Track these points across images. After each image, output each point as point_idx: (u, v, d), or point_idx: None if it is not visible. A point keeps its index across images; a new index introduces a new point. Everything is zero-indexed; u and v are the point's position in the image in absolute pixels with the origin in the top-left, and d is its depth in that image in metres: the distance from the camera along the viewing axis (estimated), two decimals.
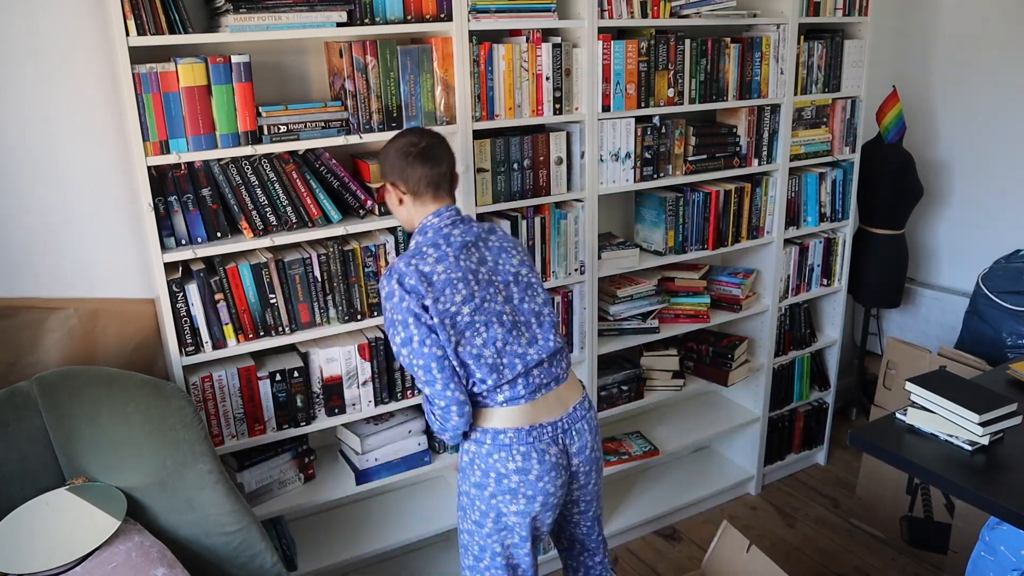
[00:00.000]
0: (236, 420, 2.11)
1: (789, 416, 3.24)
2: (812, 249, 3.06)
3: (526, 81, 2.27)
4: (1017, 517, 1.59)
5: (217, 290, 2.00)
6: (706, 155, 2.65)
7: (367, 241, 2.19)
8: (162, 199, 1.92)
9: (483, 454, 1.81)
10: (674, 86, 2.51)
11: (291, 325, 2.12)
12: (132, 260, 2.14)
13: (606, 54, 2.35)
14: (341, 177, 2.12)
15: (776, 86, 2.73)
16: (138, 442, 1.73)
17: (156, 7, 1.80)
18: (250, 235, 2.01)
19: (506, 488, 1.80)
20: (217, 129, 1.93)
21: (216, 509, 1.77)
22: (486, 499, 1.83)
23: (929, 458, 1.78)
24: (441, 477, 2.74)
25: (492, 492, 1.81)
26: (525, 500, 1.80)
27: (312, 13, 1.95)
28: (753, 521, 3.05)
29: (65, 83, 1.97)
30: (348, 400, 2.24)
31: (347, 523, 2.52)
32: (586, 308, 2.54)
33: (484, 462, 1.81)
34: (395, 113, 2.11)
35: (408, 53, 2.08)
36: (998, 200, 3.33)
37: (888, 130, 3.22)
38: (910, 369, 2.78)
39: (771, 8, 2.72)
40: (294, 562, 2.32)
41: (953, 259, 3.53)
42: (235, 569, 1.81)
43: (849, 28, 2.94)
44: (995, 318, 2.80)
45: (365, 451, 2.30)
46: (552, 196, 2.40)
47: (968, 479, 1.70)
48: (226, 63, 1.90)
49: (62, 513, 1.66)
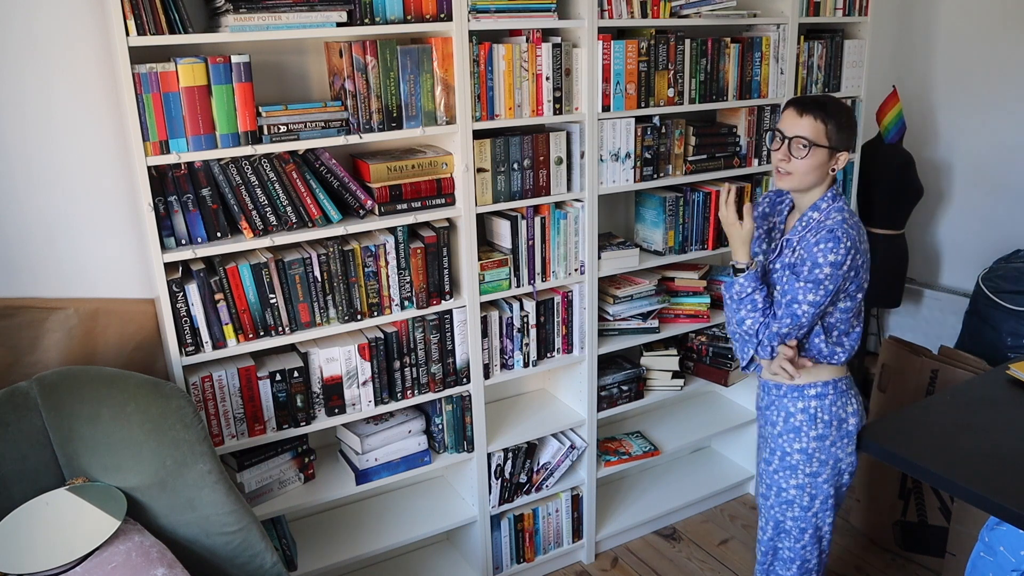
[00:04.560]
0: (236, 420, 2.11)
1: None
2: None
3: (526, 81, 2.27)
4: (1017, 517, 1.59)
5: (217, 290, 2.00)
6: (706, 155, 2.65)
7: (367, 241, 2.19)
8: (162, 199, 1.92)
9: (826, 405, 1.98)
10: (674, 86, 2.51)
11: (291, 325, 2.12)
12: (132, 260, 2.14)
13: (606, 54, 2.35)
14: (341, 177, 2.12)
15: (776, 86, 2.73)
16: (138, 442, 1.73)
17: (156, 7, 1.80)
18: (250, 235, 2.01)
19: (844, 433, 1.99)
20: (217, 129, 1.93)
21: (216, 509, 1.77)
22: (826, 448, 1.99)
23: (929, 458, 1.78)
24: (441, 477, 2.75)
25: (832, 440, 1.99)
26: (853, 443, 2.02)
27: (312, 13, 1.95)
28: (753, 521, 3.05)
29: (65, 83, 1.97)
30: (348, 400, 2.24)
31: (347, 523, 2.52)
32: (586, 308, 2.54)
33: (828, 412, 1.97)
34: (395, 113, 2.11)
35: (408, 53, 2.08)
36: (998, 200, 3.33)
37: (888, 130, 3.22)
38: (903, 373, 2.77)
39: (771, 8, 2.72)
40: (294, 562, 2.32)
41: (953, 259, 3.53)
42: (235, 569, 1.81)
43: (849, 28, 2.94)
44: (995, 318, 2.80)
45: (365, 451, 2.31)
46: (552, 196, 2.40)
47: (968, 479, 1.70)
48: (226, 63, 1.90)
49: (62, 513, 1.66)
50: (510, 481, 2.57)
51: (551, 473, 2.64)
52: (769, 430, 2.09)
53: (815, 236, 1.87)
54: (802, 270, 1.87)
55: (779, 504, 2.09)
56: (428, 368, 2.33)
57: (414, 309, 2.26)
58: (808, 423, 1.99)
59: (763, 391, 2.11)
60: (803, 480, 2.03)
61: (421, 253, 2.24)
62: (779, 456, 2.05)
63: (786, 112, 1.91)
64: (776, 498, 2.09)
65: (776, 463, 2.06)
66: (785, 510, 2.09)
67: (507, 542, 2.65)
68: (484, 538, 2.58)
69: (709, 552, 2.88)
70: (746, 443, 3.17)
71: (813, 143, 1.85)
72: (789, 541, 2.12)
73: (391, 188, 2.17)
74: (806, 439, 2.00)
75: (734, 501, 3.17)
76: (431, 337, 2.31)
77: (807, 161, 1.86)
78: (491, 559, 2.62)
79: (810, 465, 2.01)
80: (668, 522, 3.01)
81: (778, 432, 2.04)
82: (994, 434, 1.87)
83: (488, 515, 2.56)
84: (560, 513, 2.73)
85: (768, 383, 2.07)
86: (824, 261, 1.83)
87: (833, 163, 1.89)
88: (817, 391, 1.97)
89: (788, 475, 2.05)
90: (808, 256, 1.86)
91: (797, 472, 2.03)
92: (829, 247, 1.83)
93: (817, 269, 1.84)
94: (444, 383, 2.37)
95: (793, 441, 2.01)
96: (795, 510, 2.07)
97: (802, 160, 1.87)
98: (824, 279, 1.83)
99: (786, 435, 2.02)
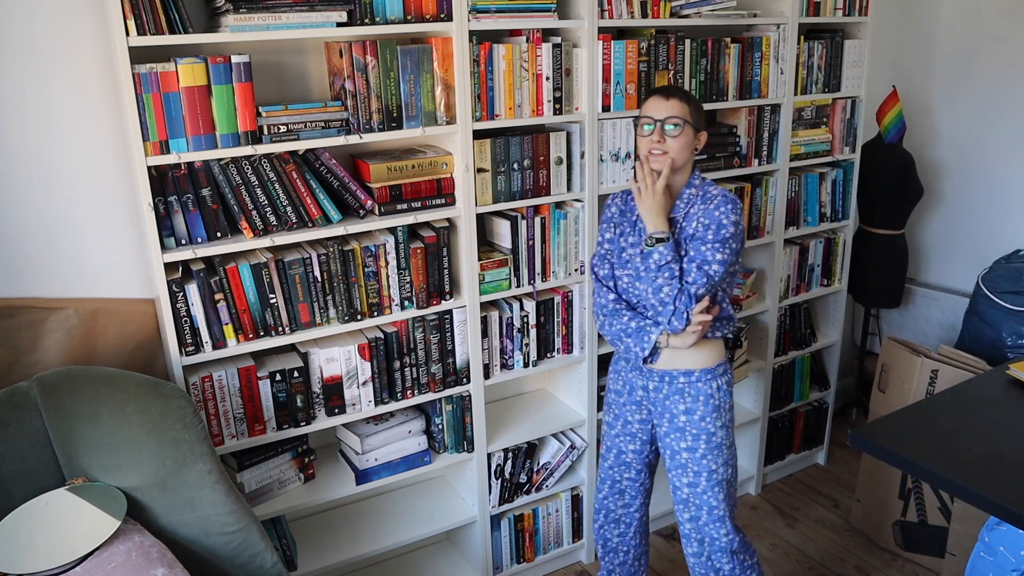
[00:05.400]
0: (236, 420, 2.11)
1: (789, 416, 3.24)
2: (812, 249, 3.06)
3: (526, 81, 2.27)
4: (1017, 517, 1.58)
5: (217, 290, 2.00)
6: (706, 155, 2.65)
7: (367, 241, 2.19)
8: (162, 199, 1.92)
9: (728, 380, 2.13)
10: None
11: (291, 325, 2.12)
12: (132, 260, 2.14)
13: (606, 54, 2.35)
14: (341, 177, 2.12)
15: (776, 86, 2.73)
16: (138, 442, 1.73)
17: (156, 7, 1.79)
18: (250, 235, 2.01)
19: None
20: (217, 129, 1.93)
21: (216, 509, 1.77)
22: (734, 418, 2.15)
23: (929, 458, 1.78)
24: (441, 477, 2.75)
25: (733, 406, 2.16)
26: None
27: (312, 13, 1.95)
28: (753, 521, 3.05)
29: (65, 83, 1.97)
30: (348, 400, 2.24)
31: (347, 523, 2.52)
32: (586, 308, 2.54)
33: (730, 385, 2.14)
34: (395, 113, 2.11)
35: (408, 53, 2.08)
36: (998, 200, 3.33)
37: (888, 130, 3.22)
38: (903, 373, 2.77)
39: (771, 8, 2.72)
40: (294, 562, 2.32)
41: (953, 259, 3.53)
42: (235, 569, 1.81)
43: (849, 28, 2.94)
44: (995, 318, 2.80)
45: (365, 451, 2.31)
46: (552, 196, 2.40)
47: (968, 479, 1.70)
48: (226, 63, 1.90)
49: (62, 513, 1.66)
50: (510, 481, 2.57)
51: (551, 473, 2.64)
52: (682, 420, 2.09)
53: (708, 204, 2.01)
54: (706, 234, 1.98)
55: (711, 487, 2.10)
56: (428, 368, 2.33)
57: (414, 309, 2.27)
58: (724, 399, 2.10)
59: (660, 382, 2.10)
60: (727, 453, 2.11)
61: (421, 253, 2.24)
62: (704, 439, 2.07)
63: (650, 101, 2.02)
64: (708, 482, 2.09)
65: (703, 448, 2.08)
66: (718, 492, 2.10)
67: (507, 542, 2.65)
68: (484, 538, 2.58)
69: None
70: (746, 443, 3.17)
71: (686, 120, 1.99)
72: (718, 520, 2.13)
73: (391, 188, 2.17)
74: (726, 414, 2.10)
75: None
76: (431, 337, 2.31)
77: (681, 139, 1.99)
78: (491, 559, 2.62)
79: (729, 437, 2.12)
80: (668, 522, 3.01)
81: (700, 416, 2.07)
82: (994, 434, 1.87)
83: (488, 515, 2.56)
84: (560, 513, 2.73)
85: (670, 373, 2.08)
86: (728, 221, 1.98)
87: (696, 143, 2.04)
88: (723, 369, 2.11)
89: (716, 455, 2.09)
90: (711, 220, 1.98)
91: (723, 449, 2.10)
92: (729, 208, 1.99)
93: (723, 230, 1.97)
94: (444, 383, 2.37)
95: (716, 420, 2.08)
96: (725, 487, 2.11)
97: (676, 139, 1.98)
98: (729, 238, 1.97)
99: (709, 416, 2.07)
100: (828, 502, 3.15)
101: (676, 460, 2.12)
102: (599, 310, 2.15)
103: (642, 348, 2.05)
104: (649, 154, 2.01)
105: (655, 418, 2.15)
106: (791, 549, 2.89)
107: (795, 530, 2.99)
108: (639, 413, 2.18)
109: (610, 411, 2.25)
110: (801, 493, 3.22)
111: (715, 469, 2.09)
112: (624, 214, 2.15)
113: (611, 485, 2.28)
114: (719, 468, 2.10)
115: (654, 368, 2.09)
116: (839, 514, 3.07)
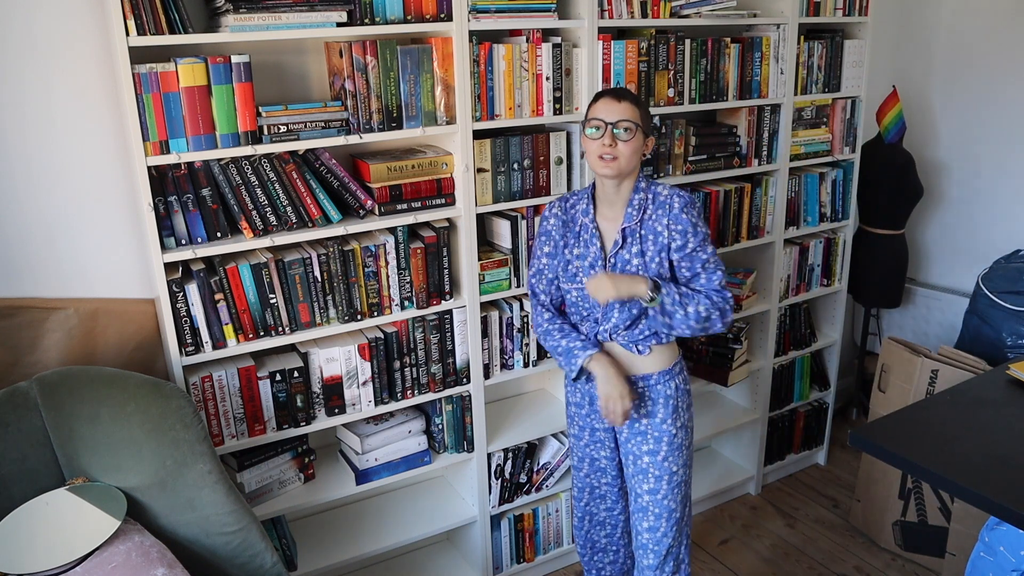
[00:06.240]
0: (236, 420, 2.11)
1: (789, 416, 3.24)
2: (812, 249, 3.06)
3: (526, 81, 2.27)
4: (1017, 517, 1.58)
5: (217, 290, 2.00)
6: (706, 155, 2.65)
7: (367, 241, 2.19)
8: (162, 199, 1.92)
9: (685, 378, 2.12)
10: (674, 86, 2.51)
11: (291, 325, 2.12)
12: (132, 260, 2.14)
13: (606, 54, 2.35)
14: (341, 177, 2.12)
15: (776, 86, 2.73)
16: (138, 442, 1.73)
17: (156, 7, 1.79)
18: (250, 235, 2.01)
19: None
20: (217, 129, 1.93)
21: (216, 509, 1.77)
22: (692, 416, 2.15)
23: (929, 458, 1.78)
24: (441, 477, 2.75)
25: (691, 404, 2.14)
26: None
27: (312, 13, 1.95)
28: (753, 521, 3.05)
29: (65, 83, 1.97)
30: (348, 400, 2.24)
31: (347, 523, 2.52)
32: None
33: (686, 383, 2.12)
34: (395, 113, 2.11)
35: (408, 53, 2.08)
36: (998, 200, 3.33)
37: (888, 130, 3.22)
38: (903, 373, 2.77)
39: (771, 8, 2.72)
40: (294, 562, 2.32)
41: (953, 259, 3.53)
42: (235, 569, 1.81)
43: (849, 28, 2.94)
44: (995, 318, 2.80)
45: (365, 451, 2.31)
46: (552, 196, 2.40)
47: (968, 479, 1.70)
48: (226, 63, 1.90)
49: (62, 513, 1.66)
50: (510, 481, 2.57)
51: (551, 473, 2.64)
52: (643, 423, 2.06)
53: (665, 208, 1.97)
54: (687, 239, 1.96)
55: (671, 491, 2.07)
56: (428, 368, 2.33)
57: (414, 309, 2.27)
58: (683, 399, 2.08)
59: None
60: (686, 454, 2.10)
61: (421, 253, 2.24)
62: (666, 442, 2.05)
63: (600, 102, 1.95)
64: (668, 484, 2.06)
65: (664, 450, 2.05)
66: (677, 494, 2.08)
67: (507, 542, 2.65)
68: (484, 538, 2.58)
69: (709, 552, 2.88)
70: (746, 443, 3.18)
71: (637, 124, 1.92)
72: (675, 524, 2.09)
73: (391, 188, 2.17)
74: (684, 414, 2.09)
75: (734, 501, 3.17)
76: (431, 337, 2.31)
77: (632, 143, 1.92)
78: (491, 559, 2.62)
79: (688, 437, 2.10)
80: None
81: (660, 419, 2.05)
82: (994, 434, 1.87)
83: (488, 515, 2.56)
84: (560, 513, 2.73)
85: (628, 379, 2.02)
86: (697, 218, 1.98)
87: (645, 148, 1.98)
88: (679, 367, 2.09)
89: (677, 456, 2.07)
90: (683, 225, 1.96)
91: (683, 449, 2.08)
92: (689, 206, 1.97)
93: (699, 226, 1.97)
94: (444, 383, 2.37)
95: (675, 421, 2.06)
96: (683, 489, 2.10)
97: (627, 143, 1.91)
98: (706, 233, 1.98)
99: (669, 419, 2.05)
100: (828, 502, 3.15)
101: (637, 465, 2.09)
102: (535, 328, 2.14)
103: (570, 370, 2.04)
104: (600, 158, 1.93)
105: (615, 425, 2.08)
106: (791, 549, 2.89)
107: (795, 530, 2.99)
108: (602, 421, 2.13)
109: (574, 423, 2.21)
110: (801, 493, 3.22)
111: (676, 471, 2.07)
112: (565, 224, 2.07)
113: (591, 491, 2.25)
114: (679, 469, 2.07)
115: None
116: (839, 514, 3.07)
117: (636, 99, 1.95)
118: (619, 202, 2.01)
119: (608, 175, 1.94)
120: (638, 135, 1.93)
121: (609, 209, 2.03)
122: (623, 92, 1.96)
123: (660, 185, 2.02)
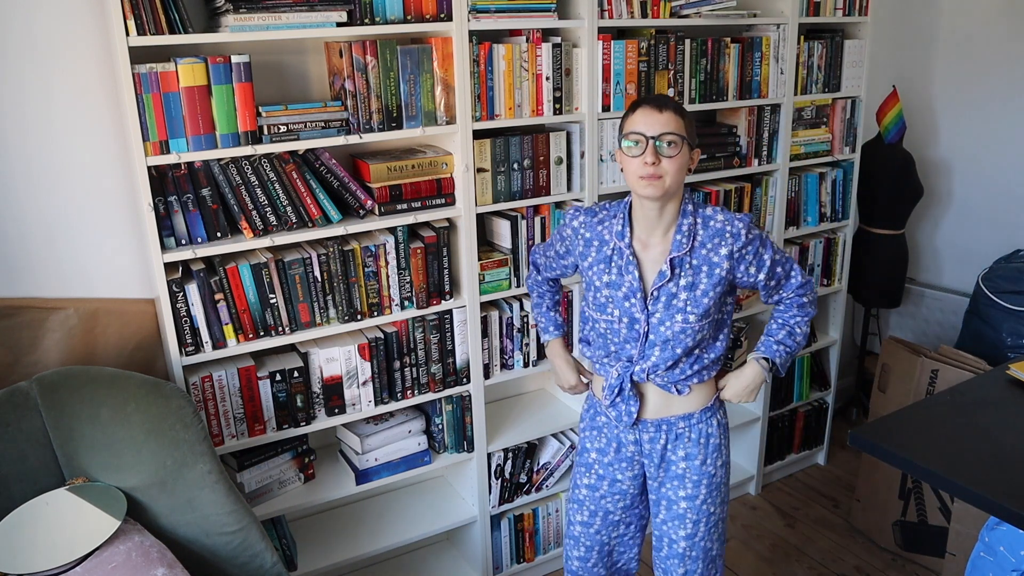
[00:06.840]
0: (236, 420, 2.11)
1: (789, 416, 3.24)
2: (812, 249, 3.06)
3: (526, 81, 2.27)
4: (1017, 517, 1.58)
5: (217, 290, 2.01)
6: (706, 155, 2.65)
7: (367, 241, 2.19)
8: (162, 199, 1.92)
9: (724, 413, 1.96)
10: (674, 86, 2.51)
11: (291, 325, 2.12)
12: (132, 260, 2.14)
13: (606, 54, 2.35)
14: (341, 177, 2.12)
15: (776, 86, 2.73)
16: (138, 442, 1.73)
17: (156, 7, 1.79)
18: (250, 235, 2.02)
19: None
20: (217, 129, 1.93)
21: (216, 509, 1.77)
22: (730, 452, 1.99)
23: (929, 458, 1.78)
24: (441, 477, 2.75)
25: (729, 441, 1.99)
26: None
27: (312, 13, 1.95)
28: (753, 521, 3.05)
29: (65, 83, 1.97)
30: (348, 400, 2.24)
31: (347, 523, 2.52)
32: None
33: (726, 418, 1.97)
34: (395, 113, 2.11)
35: (408, 53, 2.08)
36: (998, 200, 3.33)
37: (888, 130, 3.22)
38: (903, 373, 2.77)
39: (771, 8, 2.72)
40: (294, 562, 2.32)
41: (953, 259, 3.53)
42: (235, 569, 1.81)
43: (849, 28, 2.94)
44: (995, 318, 2.80)
45: (365, 451, 2.31)
46: (552, 196, 2.40)
47: (968, 479, 1.70)
48: (226, 63, 1.90)
49: (62, 513, 1.66)
50: (510, 481, 2.57)
51: (551, 473, 2.64)
52: (681, 467, 1.88)
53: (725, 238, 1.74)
54: (763, 259, 1.78)
55: (708, 532, 1.91)
56: (428, 368, 2.33)
57: (414, 309, 2.27)
58: (724, 435, 1.92)
59: (657, 432, 1.87)
60: (724, 491, 1.94)
61: (421, 253, 2.24)
62: (706, 484, 1.88)
63: (639, 113, 1.70)
64: (706, 526, 1.90)
65: (704, 493, 1.88)
66: (714, 533, 1.93)
67: (507, 542, 2.65)
68: (484, 538, 2.58)
69: None
70: (746, 443, 3.18)
71: (683, 137, 1.69)
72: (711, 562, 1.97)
73: (391, 188, 2.18)
74: (725, 452, 1.92)
75: (734, 501, 3.17)
76: (431, 337, 2.31)
77: (678, 159, 1.68)
78: (491, 559, 2.62)
79: (727, 473, 1.95)
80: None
81: (700, 462, 1.87)
82: (994, 434, 1.87)
83: (488, 515, 2.56)
84: (560, 513, 2.73)
85: (667, 421, 1.86)
86: (759, 229, 1.81)
87: (691, 162, 1.75)
88: (718, 401, 1.93)
89: (716, 496, 1.90)
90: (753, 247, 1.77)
91: (722, 488, 1.92)
92: (753, 226, 1.78)
93: (764, 238, 1.80)
94: (444, 383, 2.37)
95: (717, 460, 1.89)
96: (720, 526, 1.95)
97: (672, 159, 1.68)
98: (765, 233, 1.82)
99: (710, 458, 1.88)
100: (828, 502, 3.15)
101: (672, 511, 1.90)
102: (526, 280, 2.19)
103: (543, 339, 2.12)
104: (640, 178, 1.68)
105: (648, 470, 1.92)
106: (791, 549, 2.89)
107: (795, 530, 2.99)
108: (631, 470, 1.93)
109: (591, 472, 1.97)
110: (801, 493, 3.22)
111: (713, 511, 1.91)
112: (591, 244, 1.84)
113: (599, 550, 2.02)
114: (716, 509, 1.92)
115: (648, 419, 1.87)
116: (839, 514, 3.07)
117: (679, 108, 1.71)
118: (661, 227, 1.76)
119: (652, 195, 1.69)
120: (684, 149, 1.69)
121: (648, 234, 1.78)
122: (665, 100, 1.71)
123: (709, 207, 1.78)
